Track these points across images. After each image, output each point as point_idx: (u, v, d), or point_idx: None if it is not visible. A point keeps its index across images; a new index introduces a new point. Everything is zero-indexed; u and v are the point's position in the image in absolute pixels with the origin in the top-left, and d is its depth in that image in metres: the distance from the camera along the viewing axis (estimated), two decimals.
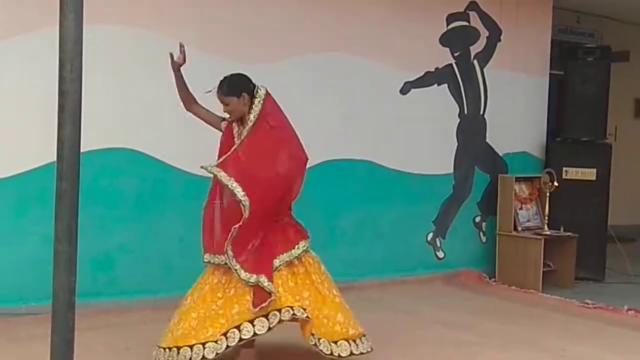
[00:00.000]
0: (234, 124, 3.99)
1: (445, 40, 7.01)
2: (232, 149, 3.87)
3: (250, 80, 3.99)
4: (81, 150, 2.42)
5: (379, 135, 6.59)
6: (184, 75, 4.10)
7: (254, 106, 3.89)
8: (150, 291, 5.28)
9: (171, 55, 4.04)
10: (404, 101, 6.75)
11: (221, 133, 4.03)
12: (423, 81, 6.86)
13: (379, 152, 6.62)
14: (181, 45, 4.04)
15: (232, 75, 4.03)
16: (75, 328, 2.44)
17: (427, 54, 6.89)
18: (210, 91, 3.97)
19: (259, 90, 3.93)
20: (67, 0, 2.34)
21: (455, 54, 7.09)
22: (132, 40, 5.37)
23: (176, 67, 4.06)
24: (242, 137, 3.88)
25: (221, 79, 4.00)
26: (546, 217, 6.99)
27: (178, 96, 4.10)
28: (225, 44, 5.71)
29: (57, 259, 2.38)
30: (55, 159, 2.39)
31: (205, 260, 3.92)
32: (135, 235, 5.40)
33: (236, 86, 3.94)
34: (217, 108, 4.04)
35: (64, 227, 2.36)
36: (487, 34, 7.28)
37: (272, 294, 3.71)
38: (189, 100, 4.13)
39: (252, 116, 3.88)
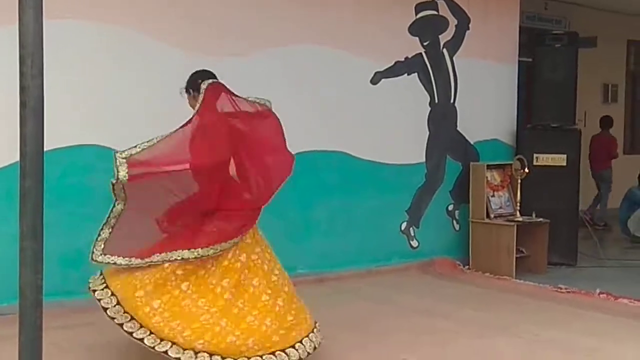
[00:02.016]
0: None
1: (414, 29, 7.02)
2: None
3: (202, 76, 3.97)
4: (49, 148, 2.39)
5: (351, 125, 6.59)
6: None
7: (197, 103, 3.88)
8: None
9: None
10: (375, 91, 6.75)
11: None
12: (393, 71, 6.87)
13: (352, 143, 6.62)
14: None
15: (192, 72, 4.06)
16: (45, 327, 2.40)
17: (397, 44, 6.89)
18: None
19: (202, 86, 3.90)
20: None
21: (425, 43, 7.10)
22: (102, 35, 5.32)
23: None
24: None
25: (210, 75, 4.02)
26: (518, 204, 7.04)
27: None
28: (196, 38, 5.67)
29: (23, 256, 2.34)
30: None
31: None
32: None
33: (188, 83, 4.03)
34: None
35: (28, 224, 2.32)
36: (455, 22, 7.30)
37: None
38: None
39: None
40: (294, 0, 6.24)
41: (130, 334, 3.58)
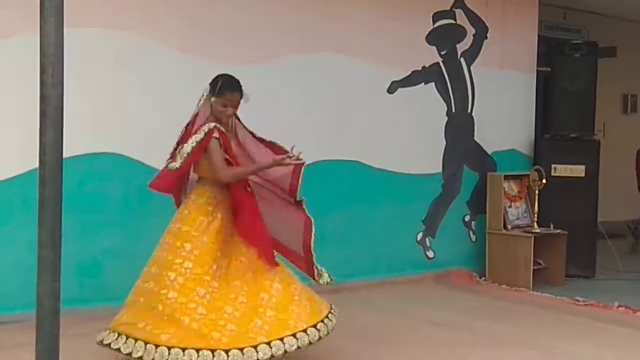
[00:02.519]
0: (222, 130, 3.94)
1: (431, 38, 6.99)
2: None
3: (228, 88, 4.02)
4: (65, 156, 2.39)
5: (367, 135, 6.57)
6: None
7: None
8: None
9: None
10: (392, 100, 6.73)
11: (219, 145, 3.90)
12: (410, 80, 6.84)
13: (367, 152, 6.59)
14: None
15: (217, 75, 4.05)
16: (62, 335, 2.41)
17: (414, 53, 6.87)
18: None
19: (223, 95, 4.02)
20: (47, 4, 2.30)
21: (442, 53, 7.08)
22: (116, 44, 5.32)
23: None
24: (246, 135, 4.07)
25: (232, 80, 4.01)
26: (536, 215, 6.98)
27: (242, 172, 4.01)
28: (211, 46, 5.67)
29: (41, 264, 2.35)
30: (38, 165, 2.36)
31: None
32: (121, 240, 5.35)
33: (211, 83, 4.05)
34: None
35: (47, 233, 2.33)
36: (473, 31, 7.27)
37: None
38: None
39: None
40: (311, 9, 6.23)
41: None
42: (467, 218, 7.30)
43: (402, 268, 6.76)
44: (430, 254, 7.04)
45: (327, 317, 3.86)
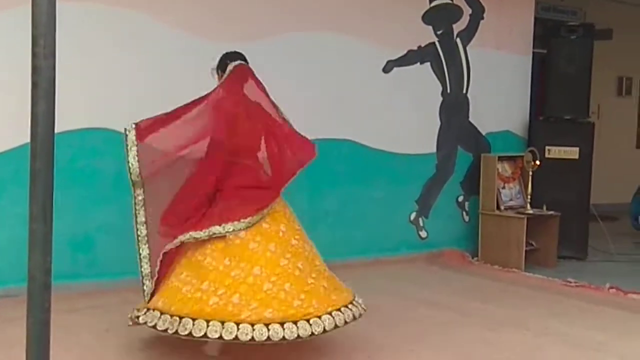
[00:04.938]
0: None
1: (427, 18, 6.96)
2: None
3: (232, 57, 4.05)
4: (58, 131, 2.37)
5: (362, 114, 6.55)
6: None
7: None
8: (130, 272, 5.18)
9: None
10: (387, 80, 6.70)
11: None
12: (406, 60, 6.82)
13: (362, 132, 6.58)
14: None
15: (224, 53, 4.13)
16: (54, 310, 2.39)
17: (410, 32, 6.84)
18: None
19: (228, 67, 4.01)
20: None
21: (438, 32, 7.05)
22: (111, 20, 5.29)
23: None
24: None
25: (239, 56, 4.12)
26: (529, 196, 6.99)
27: None
28: (205, 22, 5.65)
29: (33, 238, 2.32)
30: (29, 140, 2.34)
31: None
32: (114, 216, 5.32)
33: (218, 63, 4.10)
34: None
35: (38, 206, 2.30)
36: (470, 11, 7.24)
37: None
38: None
39: None
40: None
41: (190, 334, 3.44)
42: (460, 198, 7.31)
43: (395, 248, 6.77)
44: (424, 234, 7.05)
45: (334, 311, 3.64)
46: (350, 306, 3.75)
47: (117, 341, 4.11)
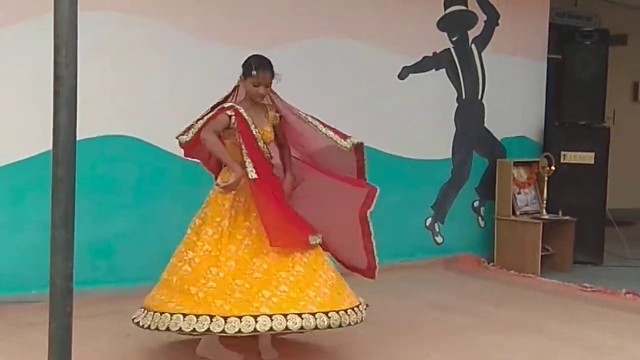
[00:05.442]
0: (240, 110, 3.92)
1: (443, 24, 6.99)
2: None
3: (255, 62, 4.05)
4: (79, 138, 2.42)
5: (378, 120, 6.57)
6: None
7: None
8: (149, 278, 5.25)
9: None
10: (402, 86, 6.73)
11: (231, 123, 3.91)
12: (421, 66, 6.85)
13: (378, 138, 6.56)
14: None
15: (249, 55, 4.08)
16: (74, 316, 2.43)
17: (425, 39, 6.87)
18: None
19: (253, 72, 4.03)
20: None
21: (453, 39, 7.07)
22: (131, 28, 5.35)
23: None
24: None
25: (262, 60, 4.03)
26: (544, 202, 6.99)
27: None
28: (222, 30, 5.69)
29: (54, 244, 2.37)
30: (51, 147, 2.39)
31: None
32: (134, 222, 5.41)
33: (243, 64, 4.05)
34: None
35: (60, 213, 2.35)
36: (485, 18, 7.26)
37: None
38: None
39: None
40: None
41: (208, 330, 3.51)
42: (476, 204, 7.32)
43: (411, 253, 6.78)
44: (439, 239, 7.06)
45: (347, 310, 3.70)
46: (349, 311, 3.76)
47: (137, 346, 4.16)
